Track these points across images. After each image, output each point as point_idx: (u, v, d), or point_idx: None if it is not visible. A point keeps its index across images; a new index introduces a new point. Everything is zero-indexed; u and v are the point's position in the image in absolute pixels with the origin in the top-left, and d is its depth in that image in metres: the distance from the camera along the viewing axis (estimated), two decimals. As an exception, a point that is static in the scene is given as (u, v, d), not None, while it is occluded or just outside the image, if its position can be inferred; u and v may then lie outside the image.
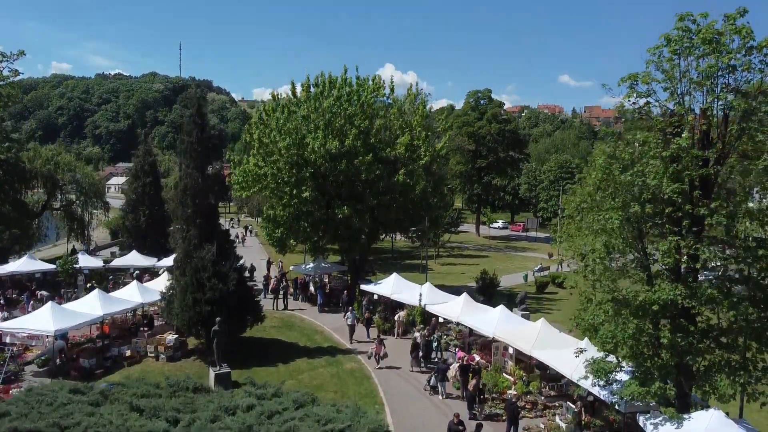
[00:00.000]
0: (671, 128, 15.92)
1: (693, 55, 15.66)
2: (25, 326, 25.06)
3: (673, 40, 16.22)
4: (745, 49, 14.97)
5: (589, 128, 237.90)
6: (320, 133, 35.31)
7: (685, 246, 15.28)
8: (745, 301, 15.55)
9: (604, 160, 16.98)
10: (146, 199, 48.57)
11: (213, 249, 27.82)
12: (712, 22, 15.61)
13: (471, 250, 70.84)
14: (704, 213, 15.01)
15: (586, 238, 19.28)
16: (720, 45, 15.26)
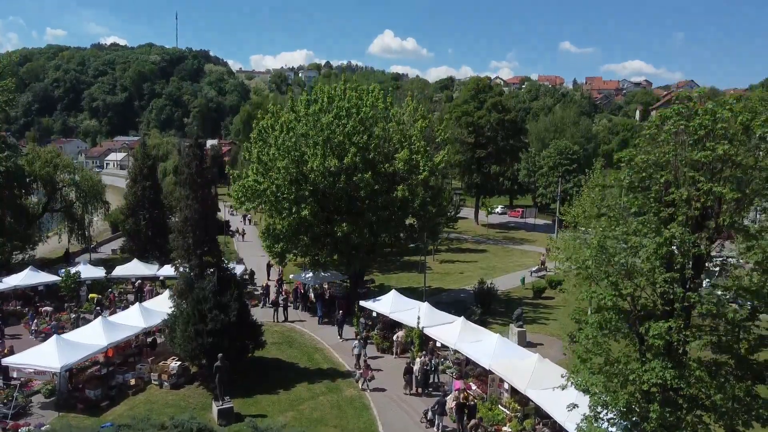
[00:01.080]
0: (665, 210, 16.12)
1: (688, 137, 15.80)
2: (32, 362, 25.59)
3: (668, 117, 16.34)
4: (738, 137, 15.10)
5: (590, 102, 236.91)
6: (319, 150, 35.38)
7: (676, 329, 15.64)
8: (731, 378, 16.01)
9: (599, 239, 17.19)
10: (146, 202, 48.75)
11: (214, 279, 28.24)
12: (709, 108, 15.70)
13: (470, 242, 71.27)
14: (694, 300, 15.34)
15: (580, 303, 19.56)
16: (714, 130, 15.39)
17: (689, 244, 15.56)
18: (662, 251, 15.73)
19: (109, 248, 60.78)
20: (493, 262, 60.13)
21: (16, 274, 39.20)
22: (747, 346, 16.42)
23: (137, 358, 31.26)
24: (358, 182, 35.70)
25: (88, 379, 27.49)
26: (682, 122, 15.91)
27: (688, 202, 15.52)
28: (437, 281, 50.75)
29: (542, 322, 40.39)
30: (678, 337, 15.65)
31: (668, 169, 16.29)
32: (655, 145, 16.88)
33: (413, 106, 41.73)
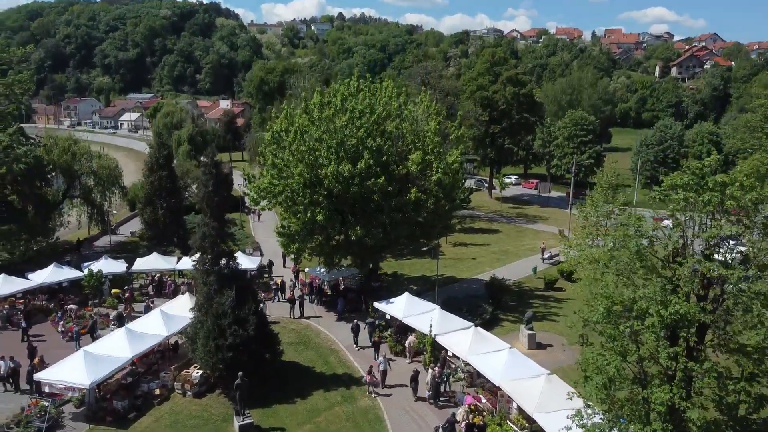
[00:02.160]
0: (670, 283, 16.51)
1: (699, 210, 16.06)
2: (62, 378, 26.88)
3: (679, 186, 16.55)
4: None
5: (608, 57, 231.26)
6: (333, 156, 35.65)
7: (678, 396, 16.26)
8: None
9: (605, 306, 17.64)
10: (163, 192, 49.52)
11: (232, 294, 29.11)
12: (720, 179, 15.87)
13: (482, 220, 71.56)
14: (696, 372, 15.89)
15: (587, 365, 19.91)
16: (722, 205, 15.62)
17: (694, 318, 16.02)
18: (666, 322, 16.21)
19: (127, 229, 61.96)
20: (505, 244, 60.62)
21: (41, 271, 40.43)
22: (747, 407, 17.07)
23: (160, 362, 32.58)
24: (372, 186, 36.05)
25: (115, 390, 28.83)
26: (691, 195, 16.13)
27: (693, 280, 15.90)
28: (450, 268, 51.41)
29: (552, 319, 41.11)
30: (680, 404, 16.27)
31: (676, 239, 16.59)
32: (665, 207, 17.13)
33: (426, 104, 41.55)
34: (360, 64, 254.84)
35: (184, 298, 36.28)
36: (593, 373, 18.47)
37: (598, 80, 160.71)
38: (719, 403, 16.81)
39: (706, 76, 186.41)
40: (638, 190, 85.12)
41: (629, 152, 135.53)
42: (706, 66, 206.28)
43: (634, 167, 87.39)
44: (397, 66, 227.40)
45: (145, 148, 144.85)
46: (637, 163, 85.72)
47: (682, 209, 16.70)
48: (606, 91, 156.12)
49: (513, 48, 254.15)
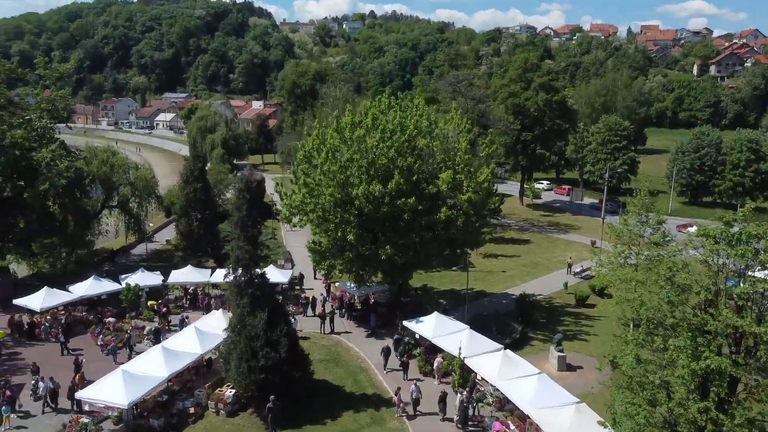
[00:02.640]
0: (702, 337, 16.38)
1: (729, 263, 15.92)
2: (101, 397, 27.80)
3: (710, 236, 16.41)
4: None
5: (644, 56, 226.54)
6: (364, 176, 36.01)
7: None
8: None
9: (633, 357, 17.59)
10: (198, 204, 50.61)
11: (264, 317, 29.70)
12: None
13: (513, 229, 71.17)
14: (727, 427, 15.76)
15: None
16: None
17: (726, 372, 15.90)
18: (697, 377, 16.11)
19: (163, 237, 63.40)
20: (536, 256, 60.25)
21: (81, 283, 41.75)
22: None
23: (194, 378, 33.42)
24: (402, 205, 36.30)
25: (152, 408, 29.70)
26: (723, 247, 15.98)
27: (725, 333, 15.76)
28: (480, 281, 51.37)
29: (583, 338, 40.83)
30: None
31: (707, 291, 16.46)
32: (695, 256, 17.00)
33: (457, 121, 41.57)
34: (391, 63, 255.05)
35: (218, 314, 37.08)
36: (622, 418, 18.42)
37: (633, 81, 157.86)
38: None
39: (746, 75, 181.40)
40: (673, 198, 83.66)
41: (665, 155, 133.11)
42: (746, 64, 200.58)
43: (669, 174, 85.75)
44: (428, 65, 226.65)
45: (180, 149, 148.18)
46: (672, 170, 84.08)
47: (715, 257, 16.52)
48: (641, 92, 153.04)
49: (546, 46, 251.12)
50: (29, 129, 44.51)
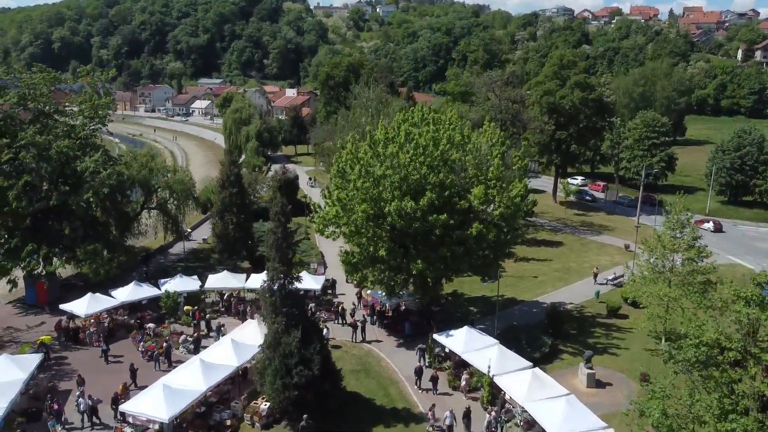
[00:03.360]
0: (729, 398, 16.51)
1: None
2: (144, 411, 29.18)
3: (744, 298, 16.43)
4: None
5: (686, 41, 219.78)
6: (396, 193, 36.46)
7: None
8: None
9: (659, 413, 17.78)
10: (233, 207, 51.79)
11: (298, 335, 30.60)
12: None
13: (545, 230, 70.80)
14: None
15: None
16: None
17: None
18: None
19: (199, 234, 65.00)
20: (568, 260, 60.01)
21: (123, 288, 43.37)
22: None
23: (230, 387, 34.62)
24: (434, 221, 36.67)
25: (191, 420, 31.01)
26: (754, 311, 16.03)
27: (752, 395, 15.88)
28: (511, 288, 51.42)
29: (613, 352, 40.80)
30: None
31: (735, 351, 16.55)
32: (722, 314, 17.07)
33: (490, 133, 41.56)
34: (425, 48, 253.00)
35: (253, 324, 38.20)
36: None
37: (674, 69, 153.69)
38: None
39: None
40: (711, 197, 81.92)
41: (705, 146, 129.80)
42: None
43: (708, 173, 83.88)
44: (462, 50, 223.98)
45: (215, 138, 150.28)
46: (711, 169, 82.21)
47: (745, 320, 16.57)
48: (682, 80, 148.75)
49: (584, 30, 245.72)
50: (74, 137, 46.08)
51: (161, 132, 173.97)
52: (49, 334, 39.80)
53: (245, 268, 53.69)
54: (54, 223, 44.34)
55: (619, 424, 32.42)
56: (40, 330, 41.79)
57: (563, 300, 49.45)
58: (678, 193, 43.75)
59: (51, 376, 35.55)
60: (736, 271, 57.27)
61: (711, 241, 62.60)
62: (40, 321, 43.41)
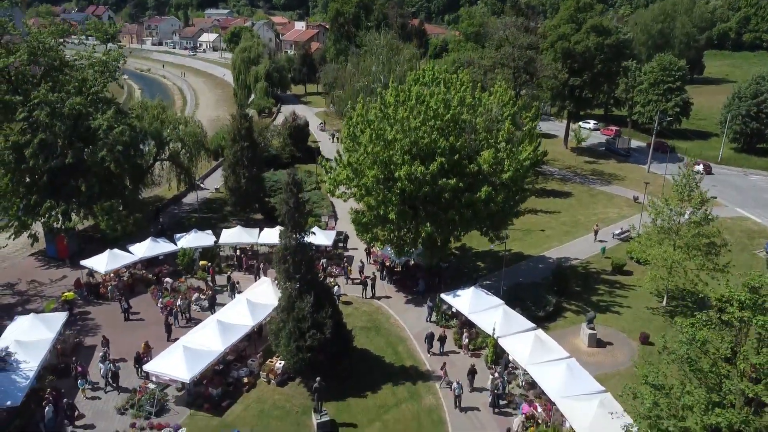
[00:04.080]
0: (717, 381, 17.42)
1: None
2: (166, 371, 30.91)
3: (738, 301, 17.13)
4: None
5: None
6: (406, 157, 36.82)
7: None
8: None
9: (650, 402, 18.81)
10: (245, 161, 52.35)
11: (311, 300, 31.87)
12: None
13: (555, 179, 70.89)
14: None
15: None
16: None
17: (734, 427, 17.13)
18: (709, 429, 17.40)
19: (211, 183, 65.89)
20: (576, 213, 60.51)
21: (140, 244, 44.66)
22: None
23: (247, 345, 36.29)
24: (443, 185, 37.19)
25: (210, 378, 32.82)
26: (747, 314, 16.73)
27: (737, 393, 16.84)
28: (518, 242, 52.22)
29: (615, 311, 41.98)
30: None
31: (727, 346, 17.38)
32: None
33: (500, 95, 41.28)
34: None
35: (267, 283, 39.52)
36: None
37: (695, 2, 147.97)
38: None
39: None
40: (725, 144, 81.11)
41: (723, 85, 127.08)
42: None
43: (723, 120, 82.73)
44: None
45: (224, 74, 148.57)
46: (726, 116, 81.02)
47: (738, 322, 17.30)
48: (703, 15, 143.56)
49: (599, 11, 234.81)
50: (85, 92, 46.23)
51: (169, 67, 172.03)
52: (71, 290, 41.41)
53: (258, 219, 54.92)
54: (71, 180, 45.19)
55: (616, 385, 33.99)
56: (62, 284, 43.49)
57: (569, 255, 50.44)
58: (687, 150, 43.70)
59: (77, 332, 37.38)
60: (744, 225, 57.78)
61: (718, 193, 62.86)
62: (62, 275, 45.06)
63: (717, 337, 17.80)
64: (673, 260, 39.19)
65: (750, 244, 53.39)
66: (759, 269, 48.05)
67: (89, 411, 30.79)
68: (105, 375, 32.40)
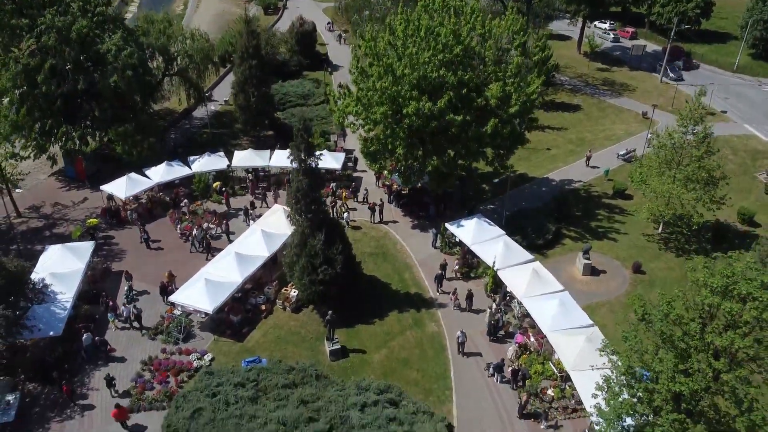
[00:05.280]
0: (683, 363, 19.55)
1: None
2: (190, 303, 33.72)
3: (710, 287, 18.83)
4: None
5: None
6: (414, 92, 37.21)
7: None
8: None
9: (626, 365, 20.96)
10: (254, 79, 52.44)
11: (322, 237, 33.90)
12: None
13: (565, 90, 70.17)
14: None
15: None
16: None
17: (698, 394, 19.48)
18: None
19: (220, 94, 66.01)
20: (584, 129, 60.78)
21: (156, 168, 46.18)
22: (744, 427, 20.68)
23: (263, 272, 38.77)
24: (451, 120, 37.88)
25: (231, 306, 35.65)
26: (716, 299, 18.45)
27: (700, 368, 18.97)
28: (523, 162, 53.11)
29: (612, 238, 43.91)
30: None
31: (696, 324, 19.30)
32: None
33: (510, 23, 40.56)
34: None
35: (279, 212, 41.29)
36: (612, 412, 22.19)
37: None
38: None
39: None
40: (743, 50, 78.88)
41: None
42: None
43: (743, 25, 79.91)
44: None
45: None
46: (748, 21, 78.20)
47: (706, 306, 19.02)
48: None
49: None
50: (90, 10, 45.72)
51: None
52: (95, 216, 43.60)
53: (269, 136, 55.82)
54: (84, 104, 45.91)
55: (605, 314, 36.95)
56: (84, 207, 45.66)
57: (572, 177, 51.65)
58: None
59: (104, 258, 39.98)
60: (749, 144, 58.16)
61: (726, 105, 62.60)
62: (83, 197, 47.09)
63: (689, 315, 19.65)
64: (671, 193, 40.46)
65: (752, 166, 54.18)
66: (756, 194, 49.54)
67: (122, 338, 33.86)
68: (128, 317, 34.68)
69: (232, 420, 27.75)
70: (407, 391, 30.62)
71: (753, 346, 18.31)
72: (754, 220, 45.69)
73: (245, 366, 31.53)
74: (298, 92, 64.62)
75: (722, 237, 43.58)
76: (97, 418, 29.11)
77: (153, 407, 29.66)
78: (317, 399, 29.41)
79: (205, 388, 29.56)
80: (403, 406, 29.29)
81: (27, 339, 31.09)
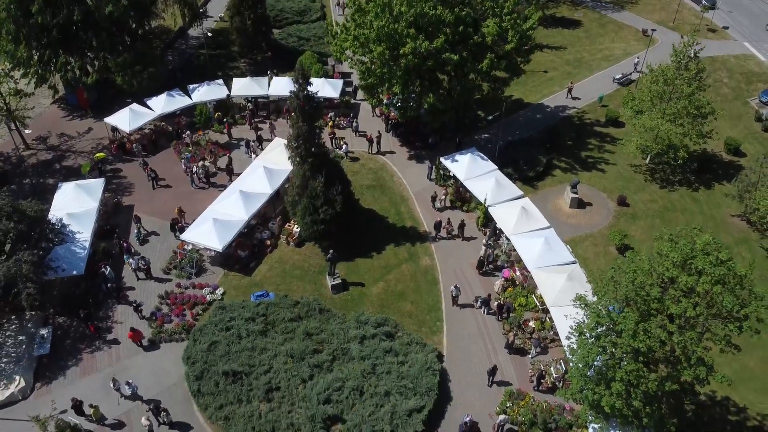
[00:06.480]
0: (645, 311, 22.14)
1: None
2: (200, 241, 36.04)
3: (671, 260, 21.04)
4: None
5: None
6: (411, 31, 37.44)
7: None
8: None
9: (594, 321, 23.59)
10: (248, 1, 51.80)
11: (322, 180, 35.71)
12: None
13: (566, 4, 68.55)
14: (649, 381, 22.68)
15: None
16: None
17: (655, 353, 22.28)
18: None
19: (215, 9, 64.78)
20: (582, 49, 60.43)
21: (157, 98, 46.85)
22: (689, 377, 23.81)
23: (266, 207, 40.75)
24: (447, 59, 38.41)
25: (238, 243, 38.02)
26: (677, 272, 20.70)
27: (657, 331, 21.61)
28: (520, 86, 52.99)
29: (601, 169, 45.58)
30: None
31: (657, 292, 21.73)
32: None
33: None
34: None
35: (280, 147, 42.54)
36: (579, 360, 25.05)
37: None
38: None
39: None
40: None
41: None
42: None
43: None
44: None
45: None
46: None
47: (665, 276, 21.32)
48: None
49: None
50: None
51: None
52: (101, 149, 44.96)
53: (267, 57, 55.66)
54: (81, 34, 45.79)
55: (588, 246, 39.53)
56: (89, 138, 46.87)
57: (566, 104, 52.35)
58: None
59: (114, 193, 41.87)
60: (746, 66, 58.17)
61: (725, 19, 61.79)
62: (87, 127, 48.11)
63: (650, 281, 21.98)
64: (659, 128, 41.68)
65: (746, 90, 54.69)
66: (745, 121, 50.64)
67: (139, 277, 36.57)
68: (135, 269, 36.24)
69: (245, 353, 31.10)
70: (402, 323, 33.78)
71: (702, 313, 20.88)
72: (740, 149, 47.08)
73: (254, 300, 34.47)
74: (294, 8, 63.43)
75: (707, 168, 45.32)
76: (124, 349, 32.38)
77: (173, 339, 32.87)
78: (321, 332, 32.65)
79: (219, 322, 32.72)
80: (398, 338, 32.57)
81: (52, 278, 33.66)
